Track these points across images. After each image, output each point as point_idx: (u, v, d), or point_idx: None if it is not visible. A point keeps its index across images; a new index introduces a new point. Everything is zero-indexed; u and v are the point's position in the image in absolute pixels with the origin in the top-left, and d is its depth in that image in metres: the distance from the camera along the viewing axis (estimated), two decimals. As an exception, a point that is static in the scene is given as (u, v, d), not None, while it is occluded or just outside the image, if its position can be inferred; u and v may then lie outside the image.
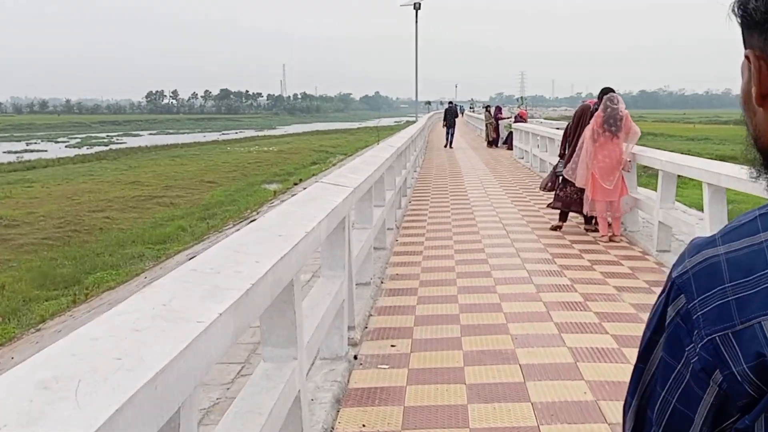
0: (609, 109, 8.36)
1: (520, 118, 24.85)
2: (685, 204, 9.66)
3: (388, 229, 8.11)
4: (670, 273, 0.79)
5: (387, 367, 4.15)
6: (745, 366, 0.68)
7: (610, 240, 8.17)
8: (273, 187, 25.43)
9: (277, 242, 2.55)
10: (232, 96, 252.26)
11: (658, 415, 0.78)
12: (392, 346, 4.55)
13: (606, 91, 8.69)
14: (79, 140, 66.79)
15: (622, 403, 0.88)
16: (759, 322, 0.68)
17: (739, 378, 0.69)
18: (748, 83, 0.76)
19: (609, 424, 3.36)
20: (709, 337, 0.71)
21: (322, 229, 3.39)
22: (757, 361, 0.68)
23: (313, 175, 26.44)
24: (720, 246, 0.74)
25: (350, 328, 4.57)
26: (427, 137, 29.05)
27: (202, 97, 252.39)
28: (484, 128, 31.16)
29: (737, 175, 5.45)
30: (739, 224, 0.74)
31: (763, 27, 0.72)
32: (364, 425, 3.45)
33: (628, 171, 8.50)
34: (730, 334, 0.70)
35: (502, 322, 4.99)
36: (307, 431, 2.82)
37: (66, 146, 57.93)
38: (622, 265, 6.96)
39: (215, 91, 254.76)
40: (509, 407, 3.53)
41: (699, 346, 0.72)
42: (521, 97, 45.63)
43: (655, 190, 10.90)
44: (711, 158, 9.58)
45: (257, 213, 17.71)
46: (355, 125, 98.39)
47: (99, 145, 57.20)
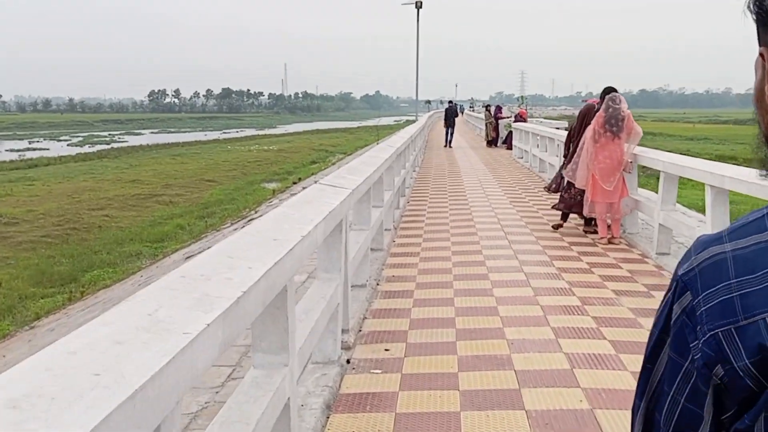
0: (611, 109, 8.31)
1: (520, 118, 24.81)
2: (682, 204, 9.60)
3: (386, 229, 8.06)
4: (676, 270, 0.80)
5: (380, 371, 4.11)
6: (747, 361, 0.69)
7: (609, 242, 8.12)
8: (272, 186, 25.42)
9: (272, 247, 2.51)
10: (233, 95, 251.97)
11: (667, 416, 0.77)
12: (386, 350, 4.50)
13: (608, 90, 8.64)
14: (81, 139, 66.92)
15: (619, 412, 0.88)
16: (763, 318, 0.69)
17: (740, 373, 0.69)
18: (761, 81, 0.75)
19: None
20: (712, 333, 0.72)
21: (319, 233, 3.35)
22: (760, 356, 0.68)
23: (313, 174, 26.41)
24: (727, 243, 0.75)
25: (344, 331, 4.52)
26: (426, 136, 29.01)
27: (204, 96, 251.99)
28: (483, 128, 31.12)
29: (741, 177, 5.40)
30: (746, 222, 0.75)
31: None
32: (354, 432, 3.40)
33: (629, 172, 8.44)
34: (732, 329, 0.70)
35: (499, 326, 4.94)
36: (297, 439, 2.78)
37: (68, 145, 58.06)
38: (621, 268, 6.92)
39: (217, 90, 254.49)
40: (503, 415, 3.48)
41: (702, 341, 0.73)
42: (521, 96, 45.51)
43: (652, 190, 10.90)
44: (710, 158, 9.55)
45: (256, 212, 17.68)
46: (356, 124, 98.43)
47: (101, 144, 57.31)
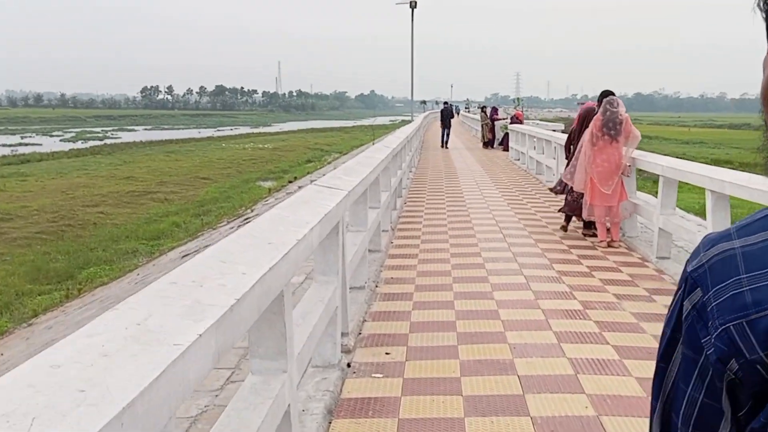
0: (608, 113, 8.24)
1: (516, 119, 24.75)
2: (679, 207, 9.53)
3: (383, 230, 7.97)
4: (685, 268, 0.80)
5: (381, 376, 4.01)
6: (761, 354, 0.68)
7: (609, 245, 8.04)
8: (268, 184, 25.32)
9: (267, 250, 2.41)
10: (227, 92, 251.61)
11: (686, 415, 0.77)
12: (387, 353, 4.40)
13: (606, 93, 8.58)
14: (73, 134, 66.75)
15: (625, 419, 0.85)
16: None
17: (755, 366, 0.69)
18: None
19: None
20: (724, 327, 0.71)
21: (315, 235, 3.25)
22: None
23: (308, 173, 26.33)
24: (735, 240, 0.75)
25: (344, 334, 4.42)
26: (422, 137, 28.93)
27: (197, 93, 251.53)
28: (479, 129, 31.07)
29: (741, 182, 5.32)
30: (754, 219, 0.75)
31: None
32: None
33: (628, 176, 8.37)
34: (744, 323, 0.70)
35: (500, 330, 4.85)
36: (296, 447, 2.68)
37: (61, 140, 57.88)
38: (621, 271, 6.84)
39: (210, 88, 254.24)
40: (508, 421, 3.39)
41: (714, 336, 0.72)
42: (518, 98, 45.52)
43: (648, 193, 10.83)
44: (706, 162, 9.50)
45: (251, 211, 17.58)
46: (351, 124, 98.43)
47: (94, 140, 57.15)
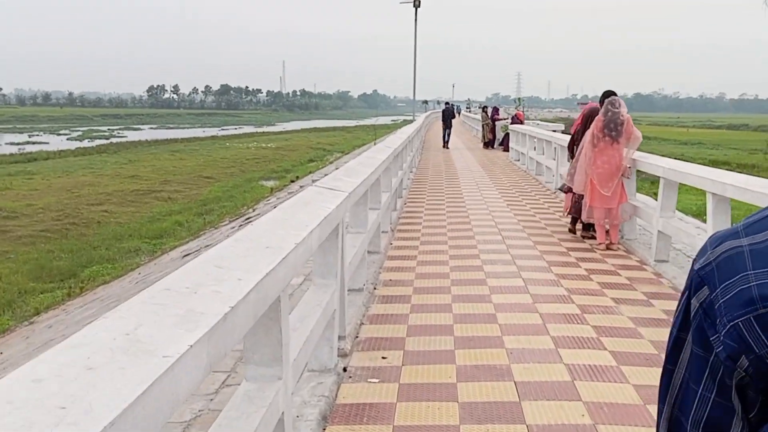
0: (610, 113, 8.20)
1: (517, 120, 24.70)
2: (676, 209, 9.48)
3: (383, 231, 7.94)
4: (692, 266, 0.79)
5: (377, 381, 3.98)
6: None
7: (608, 248, 8.01)
8: (270, 183, 25.34)
9: (264, 255, 2.39)
10: (232, 92, 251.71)
11: (696, 417, 0.76)
12: (383, 357, 4.38)
13: (608, 94, 8.53)
14: (80, 133, 66.95)
15: (621, 428, 0.85)
16: None
17: (766, 361, 0.69)
18: None
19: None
20: (732, 323, 0.71)
21: (314, 238, 3.22)
22: None
23: (310, 172, 26.33)
24: (743, 238, 0.74)
25: (341, 338, 4.40)
26: (423, 137, 28.90)
27: (202, 92, 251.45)
28: (480, 129, 31.02)
29: (744, 185, 5.29)
30: (761, 217, 0.74)
31: None
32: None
33: (628, 177, 8.34)
34: (752, 318, 0.69)
35: (497, 334, 4.83)
36: (290, 454, 2.66)
37: (68, 139, 58.12)
38: (620, 275, 6.82)
39: (215, 87, 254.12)
40: (503, 429, 3.36)
41: (722, 333, 0.72)
42: (518, 98, 45.46)
43: (645, 194, 10.78)
44: (704, 163, 9.48)
45: (253, 210, 17.57)
46: (353, 123, 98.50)
47: (100, 139, 57.33)
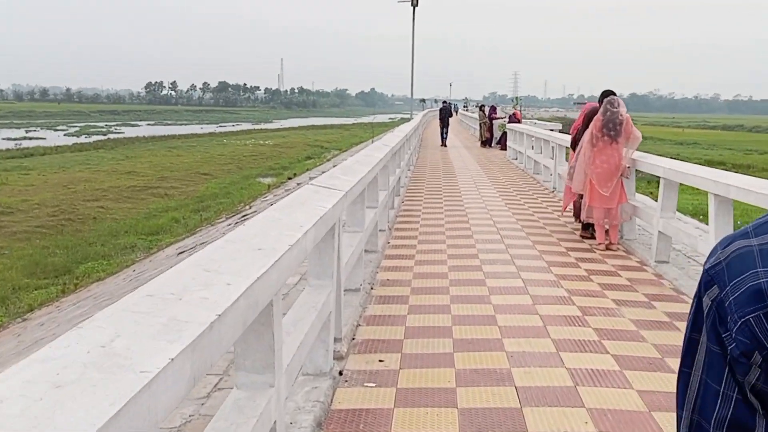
0: (609, 113, 8.12)
1: (515, 119, 24.61)
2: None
3: (380, 230, 7.84)
4: (704, 266, 0.81)
5: (374, 385, 3.87)
6: None
7: (607, 248, 7.93)
8: (267, 180, 25.24)
9: (256, 257, 2.28)
10: (230, 89, 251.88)
11: (720, 416, 0.75)
12: (380, 360, 4.27)
13: (607, 93, 8.46)
14: (77, 129, 66.72)
15: None
16: None
17: None
18: None
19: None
20: (743, 320, 0.71)
21: (310, 239, 3.11)
22: None
23: (308, 169, 26.24)
24: (753, 238, 0.75)
25: (336, 340, 4.29)
26: (421, 135, 28.81)
27: (200, 89, 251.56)
28: (477, 128, 30.93)
29: (747, 187, 5.19)
30: None
31: None
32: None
33: (627, 177, 8.25)
34: (761, 314, 0.70)
35: (497, 336, 4.72)
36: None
37: (65, 134, 57.93)
38: (620, 276, 6.72)
39: (214, 84, 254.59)
40: (504, 436, 3.27)
41: (734, 330, 0.72)
42: (516, 97, 45.44)
43: (642, 193, 10.68)
44: (700, 163, 9.36)
45: (249, 207, 17.45)
46: (351, 121, 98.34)
47: (97, 134, 57.12)
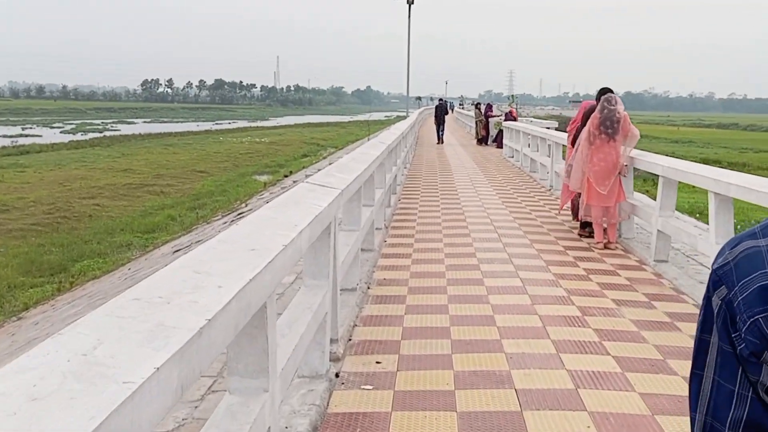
0: (606, 111, 8.08)
1: (511, 116, 24.54)
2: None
3: (377, 228, 7.76)
4: (711, 266, 0.81)
5: (371, 387, 3.79)
6: None
7: (606, 247, 7.87)
8: (263, 178, 25.19)
9: (249, 258, 2.20)
10: (226, 86, 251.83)
11: (735, 416, 0.74)
12: (377, 362, 4.19)
13: (604, 91, 8.42)
14: (74, 126, 66.64)
15: None
16: None
17: None
18: None
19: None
20: (752, 319, 0.71)
21: (304, 238, 3.04)
22: None
23: (304, 167, 26.18)
24: (761, 239, 0.75)
25: (333, 341, 4.21)
26: (417, 133, 28.76)
27: (196, 86, 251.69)
28: (473, 125, 30.89)
29: (748, 185, 5.13)
30: None
31: None
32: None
33: (625, 175, 8.20)
34: None
35: (496, 337, 4.65)
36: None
37: (61, 132, 57.85)
38: (619, 275, 6.66)
39: (210, 81, 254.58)
40: (505, 440, 3.20)
41: (743, 330, 0.72)
42: (512, 95, 45.36)
43: (638, 191, 10.61)
44: (695, 161, 9.27)
45: (246, 205, 17.36)
46: (347, 119, 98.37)
47: (93, 132, 57.06)
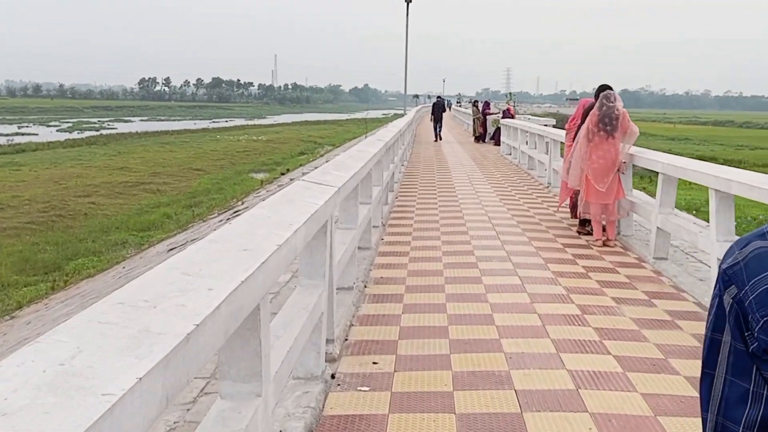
0: (605, 107, 8.04)
1: (508, 114, 24.50)
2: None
3: (374, 226, 7.69)
4: (720, 266, 0.81)
5: (368, 389, 3.72)
6: None
7: (605, 244, 7.82)
8: (260, 176, 25.12)
9: (241, 259, 2.13)
10: (223, 84, 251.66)
11: (751, 416, 0.73)
12: (374, 363, 4.12)
13: (603, 88, 8.37)
14: (70, 125, 66.59)
15: None
16: None
17: None
18: None
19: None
20: (765, 319, 0.71)
21: (300, 238, 2.96)
22: None
23: (301, 165, 26.09)
24: None
25: (328, 341, 4.13)
26: (414, 131, 28.69)
27: (194, 85, 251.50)
28: (471, 123, 30.86)
29: (750, 182, 5.06)
30: None
31: None
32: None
33: (624, 173, 8.14)
34: None
35: (495, 337, 4.58)
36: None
37: (57, 130, 57.79)
38: (619, 273, 6.59)
39: (207, 80, 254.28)
40: (505, 443, 3.13)
41: (756, 330, 0.72)
42: (509, 93, 45.34)
43: (635, 188, 10.55)
44: (692, 158, 9.20)
45: (242, 203, 17.27)
46: (344, 117, 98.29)
47: (90, 130, 57.00)
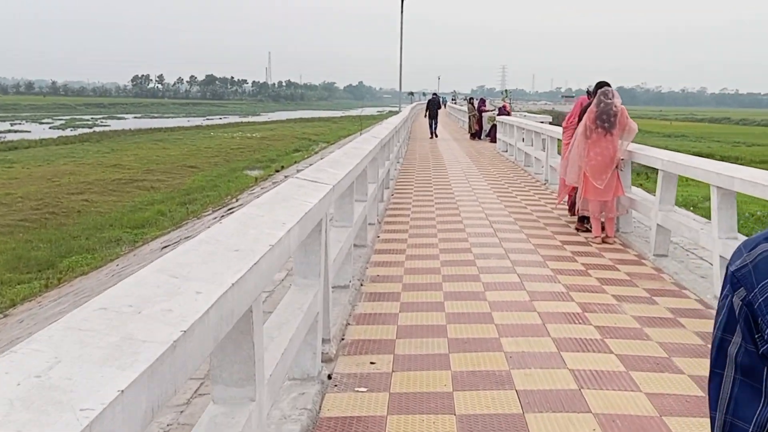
0: (602, 104, 7.99)
1: (504, 111, 24.44)
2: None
3: (370, 224, 7.61)
4: (727, 268, 0.81)
5: (365, 390, 3.64)
6: None
7: (603, 241, 7.75)
8: (255, 173, 25.00)
9: (232, 261, 2.04)
10: (217, 82, 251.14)
11: (762, 417, 0.73)
12: (372, 363, 4.04)
13: (601, 85, 8.33)
14: (63, 122, 66.35)
15: None
16: None
17: None
18: None
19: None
20: None
21: (293, 237, 2.87)
22: None
23: (295, 162, 25.99)
24: None
25: (325, 341, 4.05)
26: (410, 128, 28.63)
27: (187, 82, 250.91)
28: (466, 120, 30.81)
29: (752, 179, 4.99)
30: None
31: None
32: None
33: (622, 169, 8.08)
34: None
35: (494, 335, 4.50)
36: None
37: (50, 127, 57.54)
38: (618, 270, 6.52)
39: (201, 77, 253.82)
40: (506, 446, 3.05)
41: (766, 332, 0.73)
42: (505, 90, 45.42)
43: (632, 184, 10.50)
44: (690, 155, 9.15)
45: (237, 200, 17.17)
46: (339, 114, 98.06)
47: (83, 127, 56.73)
